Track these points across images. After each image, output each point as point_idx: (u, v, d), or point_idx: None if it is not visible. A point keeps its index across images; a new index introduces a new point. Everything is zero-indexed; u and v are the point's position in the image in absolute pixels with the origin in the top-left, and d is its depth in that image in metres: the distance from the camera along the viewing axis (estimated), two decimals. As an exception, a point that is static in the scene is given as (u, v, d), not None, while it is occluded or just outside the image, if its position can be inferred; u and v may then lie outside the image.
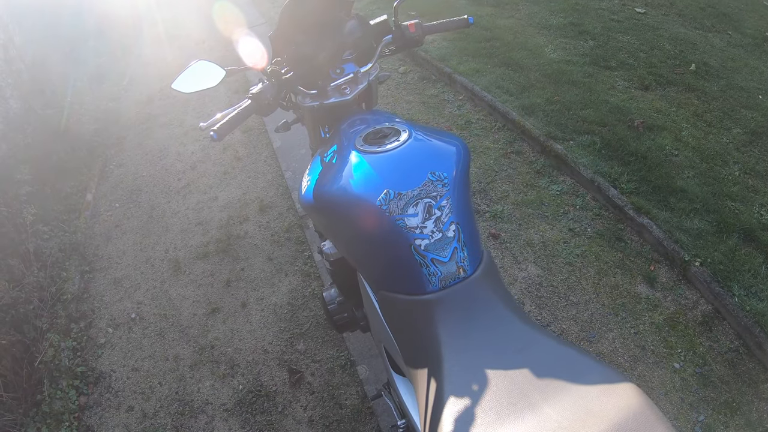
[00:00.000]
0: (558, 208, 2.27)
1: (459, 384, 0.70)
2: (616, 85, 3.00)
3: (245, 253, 2.25)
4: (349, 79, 1.16)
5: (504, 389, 0.67)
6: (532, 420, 0.61)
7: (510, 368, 0.70)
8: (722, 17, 3.94)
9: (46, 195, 2.61)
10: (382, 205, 0.84)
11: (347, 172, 0.92)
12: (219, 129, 0.97)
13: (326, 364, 1.70)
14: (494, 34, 3.73)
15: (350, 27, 1.23)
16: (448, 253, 0.83)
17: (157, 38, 5.12)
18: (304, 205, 1.07)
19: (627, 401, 0.60)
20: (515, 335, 0.76)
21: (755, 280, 1.91)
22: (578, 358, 0.70)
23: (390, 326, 0.91)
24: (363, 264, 0.95)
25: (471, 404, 0.67)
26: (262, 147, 3.00)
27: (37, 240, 2.19)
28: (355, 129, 1.03)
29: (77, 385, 1.78)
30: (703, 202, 2.20)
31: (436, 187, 0.85)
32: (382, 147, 0.91)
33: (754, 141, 2.61)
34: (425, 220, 0.83)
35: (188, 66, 1.04)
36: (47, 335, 1.83)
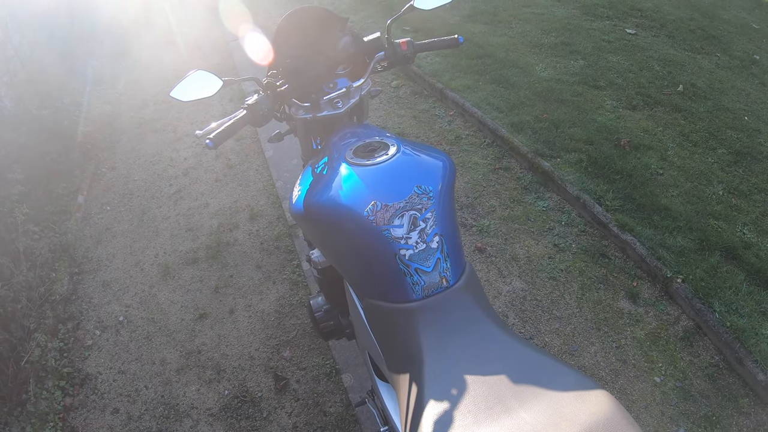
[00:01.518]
0: (544, 223, 2.44)
1: (439, 388, 0.77)
2: (605, 104, 3.21)
3: (234, 260, 2.38)
4: (341, 93, 1.27)
5: (482, 394, 0.74)
6: (507, 423, 0.68)
7: (488, 374, 0.77)
8: (711, 39, 4.22)
9: (38, 195, 2.72)
10: (369, 215, 0.93)
11: (337, 184, 1.01)
12: (215, 137, 1.08)
13: (312, 372, 1.81)
14: (486, 51, 3.97)
15: (344, 43, 1.35)
16: (431, 264, 0.91)
17: (153, 44, 5.31)
18: (294, 214, 1.18)
19: (599, 407, 0.66)
20: (494, 344, 0.84)
21: (736, 297, 2.07)
22: (554, 366, 0.77)
23: (374, 333, 1.00)
24: (349, 272, 1.04)
25: (450, 407, 0.73)
26: (254, 156, 3.16)
27: (27, 240, 2.29)
28: (346, 142, 1.13)
29: (63, 386, 1.87)
30: (686, 221, 2.38)
31: (421, 199, 0.94)
32: (371, 160, 1.01)
33: (738, 161, 2.82)
34: (410, 231, 0.91)
35: (187, 75, 1.13)
36: (34, 335, 1.92)
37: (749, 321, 1.98)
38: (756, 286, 2.12)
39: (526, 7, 4.94)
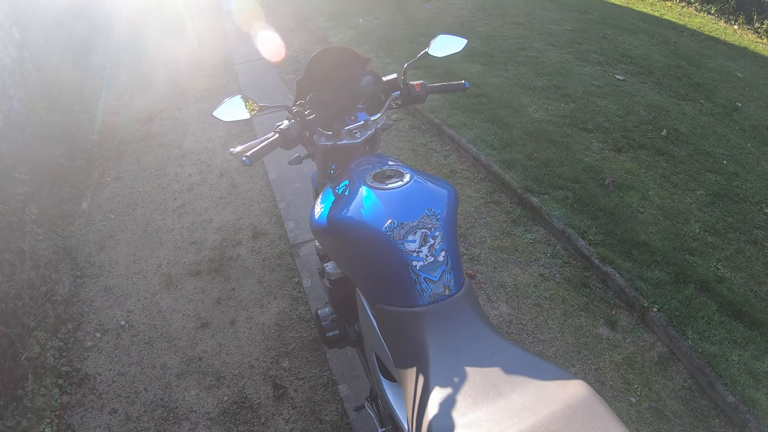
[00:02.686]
0: (530, 254, 2.71)
1: (442, 378, 0.95)
2: (592, 146, 3.56)
3: (236, 275, 2.61)
4: (360, 125, 1.49)
5: (479, 382, 0.92)
6: (501, 403, 0.86)
7: (484, 367, 0.95)
8: (696, 87, 4.65)
9: (43, 197, 2.95)
10: (387, 231, 1.12)
11: (358, 203, 1.22)
12: (252, 155, 1.30)
13: (309, 382, 2.02)
14: (483, 91, 4.36)
15: (366, 81, 1.58)
16: (438, 274, 1.11)
17: (161, 60, 5.75)
18: (316, 228, 1.41)
19: (577, 390, 0.85)
20: (489, 344, 1.03)
21: (708, 326, 2.32)
22: (539, 362, 0.95)
23: (383, 335, 1.18)
24: (364, 280, 1.24)
25: (453, 392, 0.91)
26: (258, 177, 3.46)
27: (31, 240, 2.51)
28: (364, 168, 1.37)
29: (61, 384, 2.04)
30: (663, 255, 2.66)
31: (431, 220, 1.14)
32: (388, 185, 1.22)
33: (715, 202, 3.13)
34: (421, 246, 1.11)
35: (228, 98, 1.36)
36: (34, 333, 2.10)
37: (720, 348, 2.23)
38: (727, 317, 2.38)
39: (522, 50, 5.42)
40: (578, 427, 0.79)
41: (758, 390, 2.09)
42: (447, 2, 7.59)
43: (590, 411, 0.81)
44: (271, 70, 5.47)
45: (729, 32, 6.31)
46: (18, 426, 1.82)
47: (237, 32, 7.03)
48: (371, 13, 7.01)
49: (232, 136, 3.98)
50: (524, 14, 6.87)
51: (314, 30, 6.55)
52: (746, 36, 6.23)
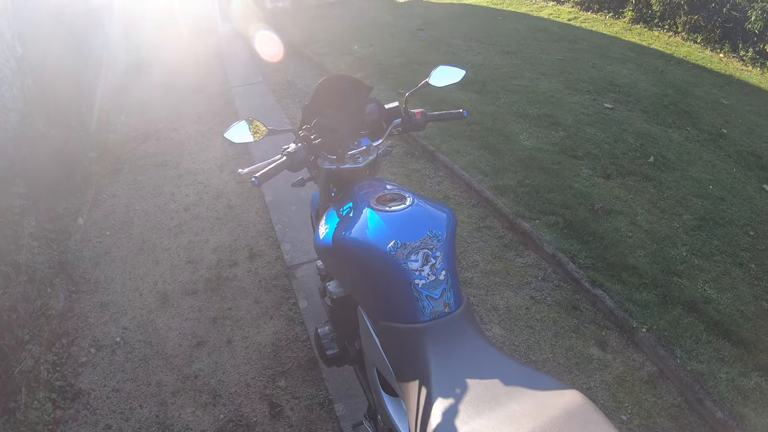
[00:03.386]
0: (522, 278, 2.85)
1: (444, 389, 1.02)
2: (581, 172, 3.75)
3: (233, 294, 2.72)
4: (363, 151, 1.60)
5: (480, 393, 0.99)
6: (501, 412, 0.94)
7: (483, 379, 1.03)
8: (683, 114, 4.89)
9: (39, 212, 3.04)
10: (391, 251, 1.22)
11: (363, 224, 1.32)
12: (261, 176, 1.39)
13: (305, 401, 2.11)
14: (475, 119, 4.58)
15: (370, 108, 1.70)
16: (439, 292, 1.20)
17: (157, 82, 5.95)
18: (321, 247, 1.51)
19: (573, 398, 0.92)
20: (487, 358, 1.11)
21: (696, 345, 2.45)
22: (537, 374, 1.04)
23: (385, 350, 1.26)
24: (367, 298, 1.33)
25: (454, 403, 0.98)
26: (254, 200, 3.60)
27: (26, 253, 2.59)
28: (367, 191, 1.48)
29: (54, 399, 2.10)
30: (651, 278, 2.80)
31: (432, 241, 1.24)
32: (391, 207, 1.32)
33: (702, 226, 3.30)
34: (423, 265, 1.21)
35: (239, 121, 1.47)
36: (28, 346, 2.16)
37: (708, 366, 2.35)
38: (715, 336, 2.51)
39: (513, 79, 5.68)
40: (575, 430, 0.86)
41: (746, 406, 2.20)
42: (441, 31, 7.93)
43: (586, 417, 0.89)
44: (268, 93, 5.69)
45: (715, 60, 6.63)
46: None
47: (233, 56, 7.31)
48: (367, 41, 7.31)
49: (229, 158, 4.14)
50: (515, 44, 7.19)
51: (310, 56, 6.82)
52: (732, 64, 6.55)
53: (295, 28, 7.99)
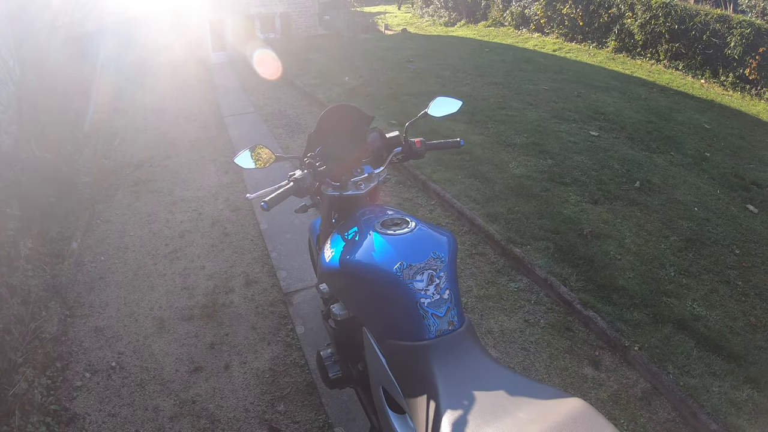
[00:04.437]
0: (515, 302, 2.98)
1: (452, 403, 1.09)
2: (570, 198, 3.94)
3: (230, 320, 2.80)
4: (365, 178, 1.71)
5: (487, 404, 1.07)
6: (509, 420, 1.01)
7: (489, 391, 1.11)
8: (666, 140, 5.17)
9: (33, 234, 3.11)
10: (397, 272, 1.31)
11: (369, 247, 1.42)
12: (269, 201, 1.49)
13: (305, 425, 2.19)
14: (466, 149, 4.79)
15: (372, 137, 1.83)
16: (443, 311, 1.29)
17: (150, 109, 6.15)
18: (327, 270, 1.61)
19: (576, 404, 1.00)
20: (492, 371, 1.19)
21: (688, 361, 2.58)
22: (540, 386, 1.12)
23: (392, 369, 1.34)
24: (374, 318, 1.42)
25: (463, 414, 1.05)
26: (249, 227, 3.73)
27: (20, 276, 2.65)
28: (370, 216, 1.60)
29: (48, 422, 2.12)
30: (641, 298, 2.95)
31: (436, 262, 1.34)
32: (396, 231, 1.42)
33: (688, 247, 3.48)
34: (428, 285, 1.30)
35: (248, 148, 1.64)
36: (21, 369, 2.20)
37: (701, 381, 2.47)
38: (706, 352, 2.65)
39: (501, 109, 5.96)
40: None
41: (740, 417, 2.31)
42: (429, 63, 8.29)
43: (590, 420, 0.97)
44: (260, 123, 5.91)
45: (696, 86, 7.02)
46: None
47: (226, 86, 7.58)
48: (357, 72, 7.62)
49: (223, 186, 4.29)
50: (502, 75, 7.54)
51: (302, 87, 7.10)
52: (713, 89, 6.94)
53: (285, 59, 8.30)
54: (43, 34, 4.58)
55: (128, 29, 7.76)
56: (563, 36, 9.64)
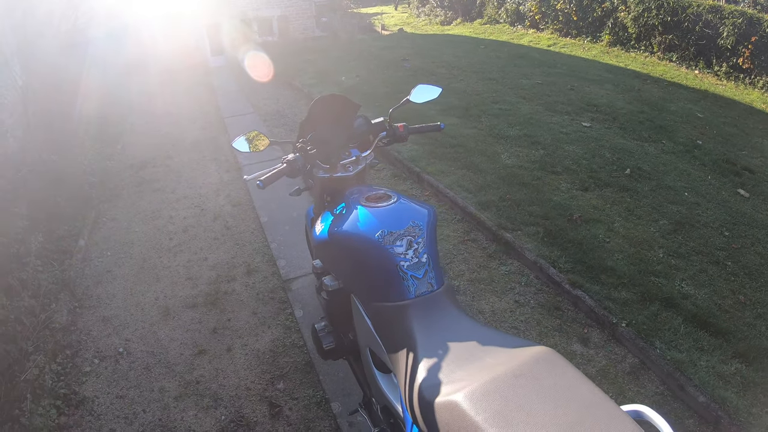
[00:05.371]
0: (506, 284, 3.06)
1: (429, 353, 1.21)
2: (560, 186, 4.02)
3: (232, 307, 2.91)
4: (353, 161, 1.86)
5: (459, 352, 1.18)
6: (478, 364, 1.12)
7: (463, 341, 1.21)
8: (659, 129, 5.23)
9: (41, 233, 3.23)
10: (379, 238, 1.43)
11: (355, 218, 1.54)
12: (265, 180, 1.63)
13: (303, 401, 2.28)
14: (459, 141, 4.88)
15: (359, 123, 1.97)
16: (422, 273, 1.41)
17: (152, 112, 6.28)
18: (318, 242, 1.75)
19: (542, 350, 1.10)
20: (467, 326, 1.29)
21: (675, 337, 2.65)
22: (512, 337, 1.22)
23: (377, 330, 1.46)
24: (360, 284, 1.54)
25: (438, 361, 1.16)
26: (250, 221, 3.85)
27: (30, 271, 2.77)
28: (357, 194, 1.72)
29: (59, 405, 2.24)
30: (629, 278, 3.02)
31: (415, 230, 1.46)
32: (380, 204, 1.55)
33: (678, 230, 3.55)
34: (407, 249, 1.42)
35: (245, 133, 1.76)
36: (32, 357, 2.31)
37: (688, 355, 2.54)
38: (693, 328, 2.71)
39: (495, 103, 6.04)
40: (541, 371, 1.03)
41: (727, 390, 2.37)
42: (425, 61, 8.39)
43: (552, 361, 1.06)
44: (259, 123, 6.02)
45: (690, 77, 7.08)
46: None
47: (225, 88, 7.71)
48: (353, 72, 7.73)
49: (224, 183, 4.41)
50: (497, 71, 7.63)
51: (300, 87, 7.21)
52: (707, 79, 6.99)
53: (283, 61, 8.42)
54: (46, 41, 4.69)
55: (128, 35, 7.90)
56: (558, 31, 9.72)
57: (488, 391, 1.00)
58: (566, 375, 1.03)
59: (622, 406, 1.00)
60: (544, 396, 0.98)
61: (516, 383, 1.01)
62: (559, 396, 0.98)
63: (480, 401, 0.99)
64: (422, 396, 1.13)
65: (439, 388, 1.10)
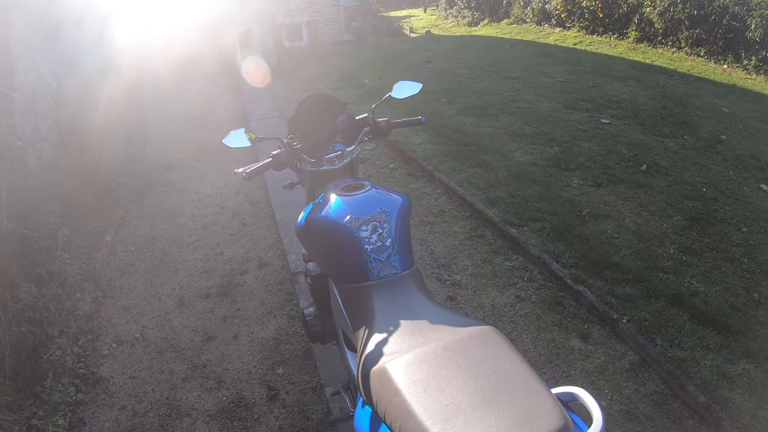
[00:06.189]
0: (508, 279, 3.03)
1: (381, 329, 1.27)
2: (572, 183, 3.94)
3: (242, 297, 3.05)
4: (338, 155, 1.91)
5: (407, 328, 1.24)
6: (420, 339, 1.17)
7: (415, 320, 1.27)
8: (681, 124, 5.05)
9: (71, 229, 3.47)
10: (347, 223, 1.50)
11: (328, 206, 1.62)
12: (250, 172, 1.76)
13: (300, 386, 2.37)
14: (473, 140, 4.86)
15: (341, 119, 2.04)
16: (385, 256, 1.47)
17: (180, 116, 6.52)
18: (298, 229, 1.83)
19: (484, 329, 1.13)
20: (424, 308, 1.34)
21: (679, 334, 2.56)
22: (466, 319, 1.24)
23: (346, 309, 1.53)
24: (332, 266, 1.61)
25: (386, 336, 1.23)
26: (266, 218, 4.00)
27: (59, 263, 2.99)
28: (336, 185, 1.79)
29: (77, 384, 2.42)
30: (635, 274, 2.94)
31: (381, 216, 1.52)
32: (353, 193, 1.62)
33: (692, 226, 3.42)
34: (372, 234, 1.48)
35: (234, 130, 1.87)
36: (56, 340, 2.50)
37: (691, 353, 2.44)
38: (700, 326, 2.60)
39: (513, 102, 5.97)
40: (473, 346, 1.07)
41: (732, 390, 2.25)
42: (448, 62, 8.37)
43: (488, 338, 1.10)
44: (283, 125, 6.15)
45: (718, 72, 6.79)
46: (34, 416, 2.17)
47: (252, 93, 7.92)
48: (377, 75, 7.80)
49: (246, 183, 4.55)
50: (519, 70, 7.53)
51: (325, 90, 7.31)
52: (735, 74, 6.69)
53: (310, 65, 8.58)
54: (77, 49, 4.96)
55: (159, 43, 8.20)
56: (584, 29, 9.49)
57: (415, 361, 1.06)
58: (496, 351, 1.06)
59: (557, 387, 1.02)
60: (467, 368, 1.02)
61: (444, 355, 1.06)
62: (482, 369, 1.02)
63: (406, 369, 1.05)
64: (364, 366, 1.18)
65: (379, 359, 1.15)
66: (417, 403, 0.96)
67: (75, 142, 4.32)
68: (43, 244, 3.04)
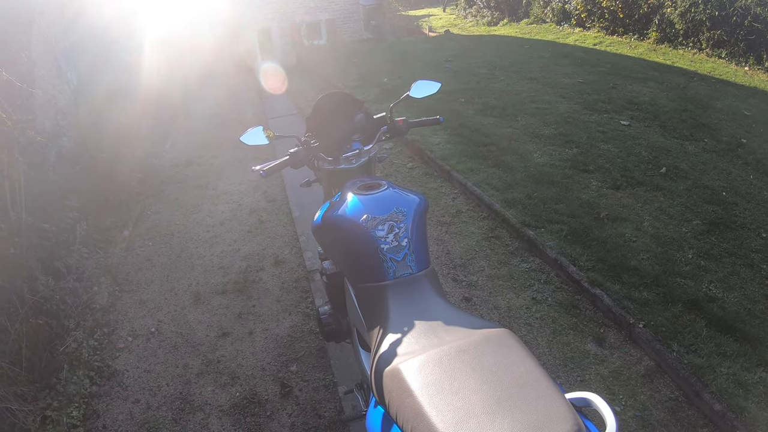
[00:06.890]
0: (525, 281, 2.98)
1: (396, 329, 1.25)
2: (590, 185, 3.86)
3: (257, 294, 3.04)
4: (355, 153, 1.89)
5: (422, 329, 1.22)
6: (435, 340, 1.15)
7: (429, 321, 1.25)
8: (701, 127, 4.92)
9: (89, 223, 3.48)
10: (363, 222, 1.48)
11: (344, 205, 1.61)
12: (267, 170, 1.74)
13: (313, 384, 2.35)
14: (492, 140, 4.80)
15: (359, 118, 2.02)
16: (401, 256, 1.45)
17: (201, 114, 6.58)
18: (314, 227, 1.81)
19: (498, 331, 1.11)
20: (439, 308, 1.33)
21: (696, 340, 2.49)
22: (480, 320, 1.22)
23: (361, 309, 1.51)
24: (348, 265, 1.59)
25: (400, 337, 1.21)
26: (283, 215, 4.00)
27: (76, 257, 3.00)
28: (354, 183, 1.77)
29: (92, 376, 2.43)
30: (653, 278, 2.87)
31: (398, 215, 1.50)
32: (370, 192, 1.60)
33: (711, 230, 3.33)
34: (388, 234, 1.46)
35: (252, 128, 1.86)
36: (72, 333, 2.51)
37: (708, 360, 2.37)
38: (717, 332, 2.53)
39: (533, 102, 5.89)
40: (488, 348, 1.05)
41: (748, 399, 2.19)
42: (467, 62, 8.29)
43: (503, 341, 1.07)
44: (301, 123, 6.18)
45: (740, 74, 6.60)
46: (48, 407, 2.18)
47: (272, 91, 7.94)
48: (395, 74, 7.75)
49: (263, 180, 4.53)
50: (539, 70, 7.42)
51: (342, 89, 7.30)
52: (757, 76, 6.49)
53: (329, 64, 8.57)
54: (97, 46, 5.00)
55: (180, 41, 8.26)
56: (604, 30, 9.31)
57: (429, 362, 1.05)
58: (511, 354, 1.04)
59: (571, 392, 0.99)
60: (480, 371, 1.01)
61: (458, 357, 1.05)
62: (496, 372, 1.00)
63: (419, 370, 1.04)
64: (378, 366, 1.17)
65: (392, 359, 1.14)
66: (429, 406, 0.95)
67: (94, 137, 4.37)
68: (61, 238, 3.07)
